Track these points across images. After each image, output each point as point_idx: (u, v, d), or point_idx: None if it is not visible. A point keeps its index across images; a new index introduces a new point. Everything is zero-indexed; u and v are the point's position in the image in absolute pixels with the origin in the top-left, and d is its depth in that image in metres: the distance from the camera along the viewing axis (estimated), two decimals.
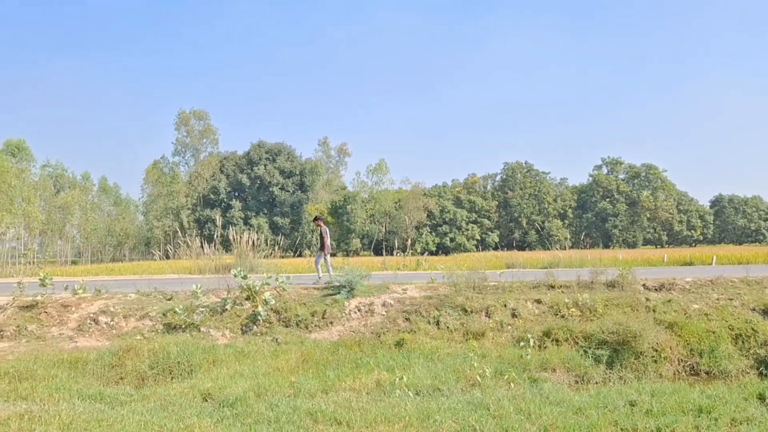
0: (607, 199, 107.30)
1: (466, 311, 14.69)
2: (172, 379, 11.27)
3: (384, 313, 14.70)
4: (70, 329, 14.72)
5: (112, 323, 14.79)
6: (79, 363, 11.64)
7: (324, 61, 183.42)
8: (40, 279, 16.37)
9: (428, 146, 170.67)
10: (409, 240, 40.08)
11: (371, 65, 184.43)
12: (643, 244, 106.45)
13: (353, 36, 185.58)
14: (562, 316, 14.84)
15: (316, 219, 19.96)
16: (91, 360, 11.82)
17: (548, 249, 59.00)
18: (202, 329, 14.24)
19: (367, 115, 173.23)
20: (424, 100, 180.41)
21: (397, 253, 31.95)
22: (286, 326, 14.36)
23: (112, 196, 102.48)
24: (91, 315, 15.09)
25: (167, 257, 41.97)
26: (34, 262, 58.93)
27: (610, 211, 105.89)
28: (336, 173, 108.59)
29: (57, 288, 16.61)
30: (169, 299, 15.95)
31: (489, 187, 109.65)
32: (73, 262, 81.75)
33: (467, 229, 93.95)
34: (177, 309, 14.56)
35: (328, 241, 18.87)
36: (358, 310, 14.82)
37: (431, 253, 43.01)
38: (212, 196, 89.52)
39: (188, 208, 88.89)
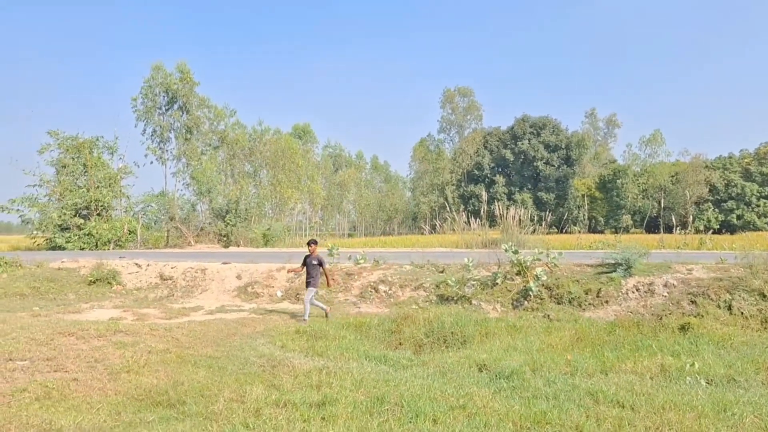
0: None
1: (764, 296, 13.01)
2: (446, 348, 11.64)
3: (666, 294, 13.64)
4: (354, 296, 15.99)
5: (389, 292, 15.75)
6: (363, 327, 12.57)
7: (587, 30, 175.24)
8: (328, 249, 18.05)
9: (710, 114, 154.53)
10: (690, 217, 36.79)
11: (639, 29, 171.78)
12: None
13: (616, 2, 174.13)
14: None
15: (309, 243, 14.10)
16: (374, 325, 12.69)
17: None
18: (473, 302, 14.52)
19: (638, 83, 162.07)
20: (703, 62, 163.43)
21: (676, 230, 29.61)
22: (558, 303, 14.05)
23: (383, 173, 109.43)
24: (371, 283, 16.23)
25: (433, 231, 43.71)
26: (318, 234, 65.43)
27: None
28: (604, 146, 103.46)
29: (340, 258, 18.15)
30: (441, 272, 16.52)
31: None
32: (350, 235, 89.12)
33: (758, 206, 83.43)
34: (449, 281, 15.01)
35: (327, 267, 13.98)
36: (636, 290, 13.94)
37: (714, 232, 38.94)
38: (476, 172, 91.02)
39: (453, 184, 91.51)
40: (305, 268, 13.74)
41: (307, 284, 13.66)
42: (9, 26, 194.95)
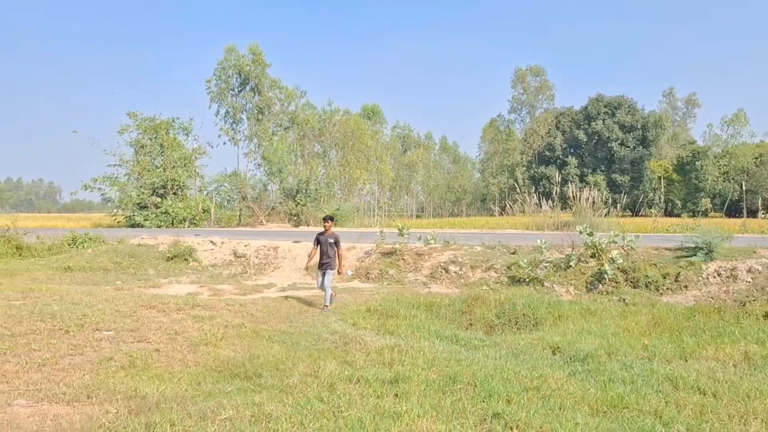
0: None
1: None
2: (518, 329, 11.51)
3: (750, 279, 13.06)
4: (423, 276, 15.99)
5: (460, 272, 15.66)
6: (433, 307, 12.56)
7: (665, 7, 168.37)
8: (398, 229, 18.08)
9: None
10: None
11: (720, 4, 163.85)
12: None
13: None
14: None
15: (326, 219, 12.67)
16: (444, 305, 12.66)
17: None
18: (545, 284, 14.29)
19: (718, 59, 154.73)
20: None
21: (760, 214, 28.36)
22: (634, 287, 13.66)
23: (452, 154, 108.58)
24: (442, 264, 16.17)
25: (502, 213, 43.24)
26: (386, 215, 65.74)
27: None
28: (683, 126, 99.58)
29: (410, 238, 18.15)
30: (513, 253, 16.31)
31: None
32: (417, 216, 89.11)
33: None
34: (521, 263, 14.80)
35: (343, 250, 13.00)
36: (718, 275, 13.39)
37: None
38: (547, 153, 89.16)
39: (523, 165, 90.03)
40: (319, 247, 12.46)
41: (322, 266, 12.33)
42: (97, 15, 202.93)
